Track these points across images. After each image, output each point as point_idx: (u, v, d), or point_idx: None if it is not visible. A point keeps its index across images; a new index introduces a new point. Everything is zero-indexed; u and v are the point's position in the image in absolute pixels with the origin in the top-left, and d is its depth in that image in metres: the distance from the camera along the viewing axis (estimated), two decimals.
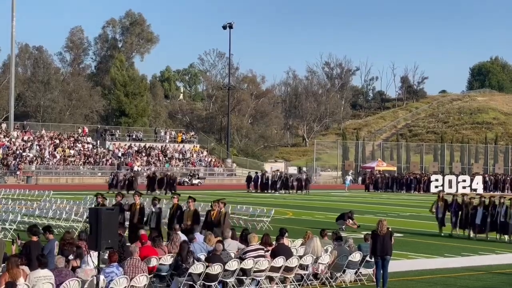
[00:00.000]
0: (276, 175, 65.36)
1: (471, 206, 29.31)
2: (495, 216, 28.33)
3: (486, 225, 28.56)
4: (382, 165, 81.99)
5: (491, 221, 28.42)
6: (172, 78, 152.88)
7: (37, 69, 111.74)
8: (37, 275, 13.25)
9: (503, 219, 28.08)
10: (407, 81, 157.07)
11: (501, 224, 28.21)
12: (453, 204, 30.21)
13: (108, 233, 12.06)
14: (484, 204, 28.89)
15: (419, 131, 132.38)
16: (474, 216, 28.91)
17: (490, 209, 28.65)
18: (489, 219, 28.43)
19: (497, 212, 28.31)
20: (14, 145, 78.60)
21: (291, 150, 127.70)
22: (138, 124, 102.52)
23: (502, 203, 28.50)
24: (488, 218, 28.47)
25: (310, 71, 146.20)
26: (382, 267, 17.54)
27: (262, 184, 63.85)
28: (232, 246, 18.13)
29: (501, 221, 28.14)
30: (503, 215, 28.07)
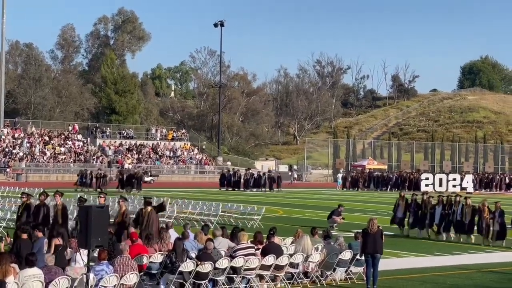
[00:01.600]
0: (248, 173, 65.07)
1: (430, 206, 28.67)
2: (452, 215, 27.74)
3: (444, 224, 28.00)
4: (373, 164, 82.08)
5: (449, 221, 27.85)
6: (163, 76, 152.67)
7: (28, 66, 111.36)
8: (26, 274, 13.20)
9: (459, 218, 27.48)
10: (398, 79, 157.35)
11: (457, 223, 27.63)
12: (412, 204, 29.52)
13: (98, 231, 12.03)
14: (442, 203, 28.31)
15: (410, 130, 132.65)
16: (433, 216, 28.34)
17: (447, 208, 28.02)
18: (447, 219, 27.87)
19: (453, 211, 27.72)
20: (4, 143, 78.33)
21: (282, 148, 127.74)
22: (129, 121, 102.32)
23: (458, 202, 27.92)
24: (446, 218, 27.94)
25: (301, 69, 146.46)
26: (373, 266, 17.56)
27: (234, 182, 63.62)
28: (223, 244, 18.11)
29: (457, 220, 27.54)
30: (459, 214, 27.47)
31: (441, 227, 28.10)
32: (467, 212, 27.24)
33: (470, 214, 27.20)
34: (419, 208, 29.08)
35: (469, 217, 27.16)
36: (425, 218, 28.64)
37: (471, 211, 27.26)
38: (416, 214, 29.14)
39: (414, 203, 29.35)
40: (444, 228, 28.04)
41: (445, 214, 27.85)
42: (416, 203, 29.31)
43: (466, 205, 27.48)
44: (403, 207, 29.95)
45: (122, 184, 56.54)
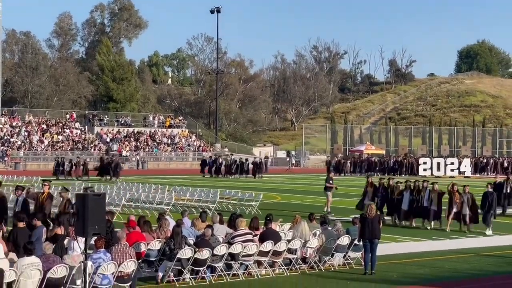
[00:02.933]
0: (231, 160, 64.70)
1: (398, 191, 27.89)
2: (420, 201, 26.94)
3: (412, 211, 27.22)
4: (370, 149, 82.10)
5: (416, 207, 27.05)
6: (160, 63, 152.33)
7: (25, 54, 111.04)
8: (23, 263, 13.22)
9: (426, 204, 26.71)
10: (395, 64, 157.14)
11: (423, 210, 26.85)
12: (380, 189, 28.84)
13: (95, 219, 12.01)
14: (410, 189, 27.58)
15: (407, 114, 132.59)
16: (400, 201, 27.50)
17: (414, 194, 27.23)
18: (414, 205, 27.08)
19: (421, 197, 26.94)
20: (1, 131, 78.23)
21: (280, 134, 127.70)
22: (127, 109, 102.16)
23: (425, 188, 27.21)
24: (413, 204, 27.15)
25: (298, 55, 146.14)
26: (371, 251, 17.61)
27: (216, 169, 62.94)
28: (221, 231, 18.14)
29: (423, 206, 26.75)
30: (426, 199, 26.71)
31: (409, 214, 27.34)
32: (433, 197, 26.58)
33: (437, 200, 26.52)
34: (387, 194, 28.31)
35: (435, 203, 26.50)
36: (393, 203, 27.91)
37: (437, 197, 26.62)
38: (384, 200, 28.42)
39: (382, 188, 28.67)
40: (412, 214, 27.30)
41: (414, 200, 27.14)
42: (384, 188, 28.61)
43: (432, 191, 26.85)
44: (371, 193, 29.22)
45: (101, 172, 56.20)
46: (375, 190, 29.19)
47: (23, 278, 13.02)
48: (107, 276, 14.00)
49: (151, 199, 31.48)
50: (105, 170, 56.29)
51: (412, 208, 27.12)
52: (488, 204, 26.33)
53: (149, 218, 20.77)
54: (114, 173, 55.07)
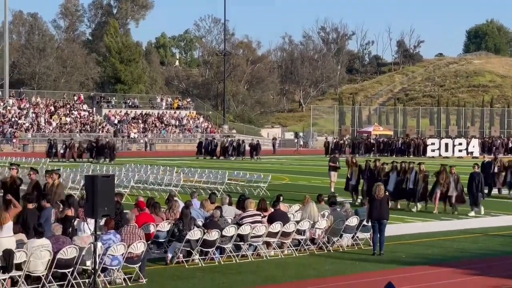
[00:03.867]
0: (227, 141, 64.19)
1: (384, 173, 27.22)
2: (406, 182, 26.31)
3: (398, 192, 26.45)
4: (378, 130, 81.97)
5: (402, 188, 26.37)
6: (168, 45, 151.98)
7: (32, 36, 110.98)
8: (33, 244, 13.29)
9: (412, 186, 26.08)
10: (403, 45, 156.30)
11: (409, 191, 26.18)
12: (366, 171, 28.14)
13: (105, 200, 12.06)
14: (396, 170, 26.99)
15: (415, 95, 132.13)
16: (386, 183, 26.11)
17: (401, 175, 26.61)
18: (400, 186, 26.40)
19: (407, 178, 26.28)
20: (9, 113, 78.40)
21: (288, 116, 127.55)
22: (134, 91, 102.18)
23: (411, 169, 26.63)
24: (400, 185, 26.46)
25: (306, 36, 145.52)
26: (379, 231, 17.62)
27: (211, 150, 62.36)
28: (229, 212, 18.18)
29: (409, 188, 26.07)
30: (412, 181, 26.13)
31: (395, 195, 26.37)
32: (420, 179, 26.06)
33: (423, 181, 26.07)
34: (372, 175, 27.56)
35: (422, 184, 26.04)
36: None
37: (423, 178, 26.10)
38: (370, 181, 27.10)
39: (368, 170, 28.04)
40: (397, 196, 26.60)
41: (399, 181, 26.50)
42: (369, 169, 27.98)
43: (419, 172, 26.32)
44: (356, 174, 28.68)
45: (95, 154, 55.70)
46: (360, 172, 28.61)
47: (33, 259, 13.11)
48: (116, 257, 14.07)
49: (160, 181, 31.56)
50: (101, 152, 55.68)
51: (397, 190, 26.42)
52: (475, 185, 25.81)
53: (157, 199, 20.83)
54: (110, 156, 54.60)
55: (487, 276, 15.26)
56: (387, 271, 15.80)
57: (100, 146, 56.31)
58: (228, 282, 14.57)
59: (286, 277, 15.10)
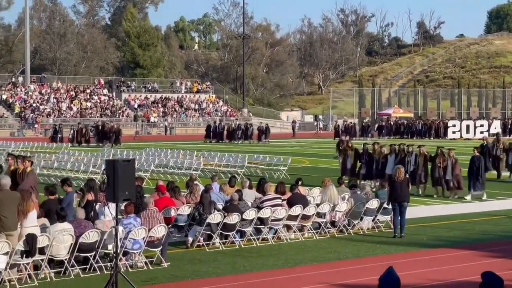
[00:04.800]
0: (235, 125, 63.75)
1: (382, 155, 26.61)
2: (406, 165, 25.14)
3: None
4: (398, 112, 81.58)
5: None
6: (187, 29, 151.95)
7: (53, 21, 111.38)
8: (56, 229, 13.42)
9: (412, 169, 25.36)
10: (424, 26, 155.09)
11: (410, 174, 24.45)
12: (363, 154, 27.65)
13: (125, 184, 12.10)
14: (395, 152, 26.38)
15: (436, 77, 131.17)
16: (384, 166, 26.18)
17: (400, 157, 26.05)
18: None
19: (407, 161, 25.55)
20: (31, 99, 78.92)
21: (307, 99, 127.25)
22: (153, 75, 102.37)
23: (411, 152, 26.04)
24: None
25: (325, 19, 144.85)
26: (400, 214, 17.58)
27: (219, 134, 61.96)
28: (249, 195, 18.21)
29: (410, 171, 25.01)
30: (413, 164, 25.50)
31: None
32: (420, 161, 25.49)
33: (423, 164, 25.50)
34: (371, 159, 27.13)
35: (422, 167, 25.42)
36: (377, 168, 26.64)
37: (423, 161, 25.52)
38: (368, 165, 27.21)
39: (366, 153, 27.61)
40: None
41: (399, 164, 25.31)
42: (367, 153, 27.55)
43: (419, 154, 25.75)
44: (352, 157, 28.12)
45: (100, 138, 55.70)
46: (357, 155, 28.06)
47: (56, 243, 13.23)
48: (138, 241, 14.15)
49: (180, 165, 31.66)
50: (105, 136, 55.43)
51: None
52: (475, 169, 25.11)
53: (177, 183, 20.91)
54: (115, 140, 54.26)
55: (509, 259, 15.17)
56: (408, 253, 15.77)
57: (105, 130, 56.04)
58: (249, 265, 14.61)
59: (306, 260, 15.11)
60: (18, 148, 43.41)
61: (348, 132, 65.30)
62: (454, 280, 13.32)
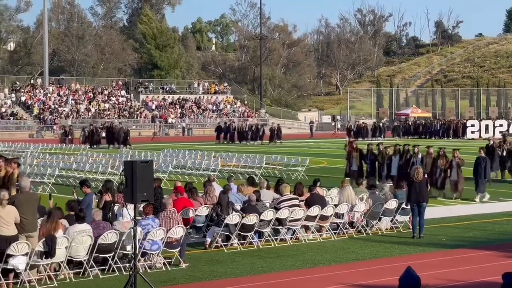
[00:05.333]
0: (246, 125, 63.01)
1: (387, 156, 26.29)
2: (411, 167, 24.42)
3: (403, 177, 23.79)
4: (417, 112, 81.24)
5: (407, 173, 23.58)
6: (204, 30, 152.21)
7: (71, 23, 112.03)
8: (75, 229, 13.48)
9: None
10: (442, 25, 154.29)
11: None
12: (368, 155, 27.40)
13: (144, 185, 12.13)
14: (399, 153, 26.04)
15: (454, 76, 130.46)
16: (389, 167, 25.93)
17: (404, 158, 25.61)
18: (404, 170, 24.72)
19: (412, 162, 24.94)
20: (50, 100, 79.36)
21: (325, 99, 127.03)
22: (171, 76, 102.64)
23: (416, 153, 25.48)
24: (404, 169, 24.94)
25: (342, 19, 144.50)
26: (419, 214, 17.49)
27: (230, 135, 61.12)
28: (267, 196, 18.19)
29: None
30: (420, 165, 23.71)
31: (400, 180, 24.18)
32: (428, 163, 24.86)
33: (431, 165, 24.84)
34: (376, 159, 26.81)
35: (429, 169, 24.59)
36: (382, 169, 26.30)
37: (432, 162, 24.96)
38: (373, 166, 26.86)
39: (370, 154, 27.27)
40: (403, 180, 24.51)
41: (403, 165, 25.35)
42: (372, 153, 27.22)
43: (427, 155, 25.23)
44: (357, 159, 27.57)
45: (108, 140, 55.29)
46: (361, 156, 27.68)
47: (75, 244, 13.29)
48: (156, 242, 14.18)
49: (198, 166, 31.70)
50: (114, 138, 54.95)
51: (402, 174, 24.52)
52: (480, 170, 24.65)
53: (196, 184, 20.93)
54: (123, 142, 53.74)
55: None
56: (427, 254, 15.69)
57: (114, 132, 55.57)
58: (267, 266, 14.60)
59: (325, 261, 15.08)
60: (37, 150, 43.66)
61: (360, 132, 65.13)
62: (475, 281, 13.23)
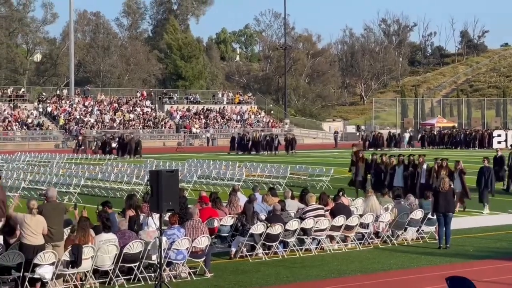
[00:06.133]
0: (260, 136, 62.19)
1: (391, 166, 25.74)
2: (416, 177, 24.44)
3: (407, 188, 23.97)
4: (442, 122, 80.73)
5: (412, 184, 24.31)
6: (228, 40, 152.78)
7: (97, 34, 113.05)
8: (101, 239, 13.52)
9: (424, 181, 24.02)
10: (467, 35, 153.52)
11: (421, 187, 23.70)
12: (372, 165, 26.85)
13: (169, 195, 12.17)
14: (403, 164, 25.47)
15: (480, 86, 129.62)
16: (392, 177, 25.31)
17: (409, 169, 25.08)
18: (410, 181, 24.53)
19: (417, 173, 24.48)
20: (75, 111, 79.97)
21: (349, 109, 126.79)
22: (195, 86, 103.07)
23: (421, 162, 24.82)
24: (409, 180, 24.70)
25: (366, 29, 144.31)
26: (445, 224, 17.34)
27: (243, 145, 60.51)
28: (292, 206, 18.15)
29: (421, 183, 23.93)
30: (425, 175, 24.26)
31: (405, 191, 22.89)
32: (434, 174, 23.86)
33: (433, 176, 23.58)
34: (380, 170, 26.26)
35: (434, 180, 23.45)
36: (385, 180, 25.56)
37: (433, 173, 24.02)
38: (378, 176, 26.24)
39: (374, 164, 26.77)
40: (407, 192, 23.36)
41: (408, 175, 24.88)
42: (376, 163, 26.70)
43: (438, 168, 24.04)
44: (362, 169, 27.21)
45: (119, 151, 54.87)
46: (367, 166, 27.29)
47: (101, 254, 13.34)
48: (181, 251, 14.20)
49: (222, 176, 31.74)
50: (125, 148, 54.57)
51: (407, 185, 24.23)
52: (484, 181, 24.07)
53: (220, 194, 20.95)
54: (135, 152, 53.42)
55: None
56: (454, 264, 15.55)
57: (126, 143, 55.23)
58: (292, 276, 14.56)
59: (350, 271, 15.00)
60: (63, 160, 43.97)
61: (376, 142, 64.73)
62: None
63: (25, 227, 12.68)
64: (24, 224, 12.69)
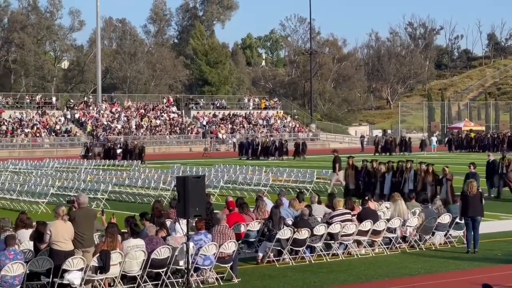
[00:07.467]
0: (269, 141, 61.86)
1: (380, 173, 25.40)
2: (403, 184, 24.24)
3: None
4: (469, 125, 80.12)
5: (399, 190, 23.04)
6: (254, 45, 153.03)
7: (124, 41, 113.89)
8: (129, 244, 13.61)
9: (412, 187, 23.78)
10: (494, 38, 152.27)
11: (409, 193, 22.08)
12: (362, 172, 26.39)
13: (196, 200, 12.24)
14: (392, 170, 25.15)
15: (508, 89, 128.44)
16: (382, 185, 25.05)
17: (397, 175, 24.71)
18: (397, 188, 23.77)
19: (404, 179, 24.24)
20: (102, 117, 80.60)
21: (375, 113, 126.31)
22: (222, 92, 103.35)
23: (409, 168, 24.57)
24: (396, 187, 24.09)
25: (392, 33, 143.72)
26: (473, 229, 17.21)
27: (253, 150, 60.19)
28: (319, 211, 18.13)
29: (409, 189, 23.37)
30: (412, 181, 24.10)
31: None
32: (420, 179, 24.00)
33: (421, 182, 23.96)
34: (370, 177, 25.81)
35: (421, 185, 23.81)
36: (375, 187, 25.28)
37: (421, 179, 24.00)
38: (367, 184, 25.81)
39: (365, 171, 26.37)
40: None
41: (396, 182, 24.51)
42: (366, 171, 26.27)
43: (420, 171, 24.23)
44: (353, 177, 26.80)
45: (122, 157, 55.03)
46: (356, 173, 26.85)
47: (129, 259, 13.42)
48: (208, 257, 14.25)
49: (249, 181, 31.78)
50: (129, 154, 55.02)
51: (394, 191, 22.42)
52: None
53: (246, 199, 20.98)
54: (138, 158, 53.33)
55: None
56: (482, 269, 15.43)
57: (130, 149, 56.00)
58: (319, 281, 14.54)
59: (377, 276, 14.95)
60: (91, 166, 44.29)
61: (388, 147, 64.06)
62: None
63: (56, 233, 12.80)
64: (56, 231, 12.80)
